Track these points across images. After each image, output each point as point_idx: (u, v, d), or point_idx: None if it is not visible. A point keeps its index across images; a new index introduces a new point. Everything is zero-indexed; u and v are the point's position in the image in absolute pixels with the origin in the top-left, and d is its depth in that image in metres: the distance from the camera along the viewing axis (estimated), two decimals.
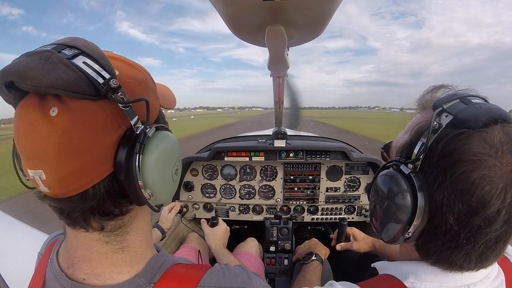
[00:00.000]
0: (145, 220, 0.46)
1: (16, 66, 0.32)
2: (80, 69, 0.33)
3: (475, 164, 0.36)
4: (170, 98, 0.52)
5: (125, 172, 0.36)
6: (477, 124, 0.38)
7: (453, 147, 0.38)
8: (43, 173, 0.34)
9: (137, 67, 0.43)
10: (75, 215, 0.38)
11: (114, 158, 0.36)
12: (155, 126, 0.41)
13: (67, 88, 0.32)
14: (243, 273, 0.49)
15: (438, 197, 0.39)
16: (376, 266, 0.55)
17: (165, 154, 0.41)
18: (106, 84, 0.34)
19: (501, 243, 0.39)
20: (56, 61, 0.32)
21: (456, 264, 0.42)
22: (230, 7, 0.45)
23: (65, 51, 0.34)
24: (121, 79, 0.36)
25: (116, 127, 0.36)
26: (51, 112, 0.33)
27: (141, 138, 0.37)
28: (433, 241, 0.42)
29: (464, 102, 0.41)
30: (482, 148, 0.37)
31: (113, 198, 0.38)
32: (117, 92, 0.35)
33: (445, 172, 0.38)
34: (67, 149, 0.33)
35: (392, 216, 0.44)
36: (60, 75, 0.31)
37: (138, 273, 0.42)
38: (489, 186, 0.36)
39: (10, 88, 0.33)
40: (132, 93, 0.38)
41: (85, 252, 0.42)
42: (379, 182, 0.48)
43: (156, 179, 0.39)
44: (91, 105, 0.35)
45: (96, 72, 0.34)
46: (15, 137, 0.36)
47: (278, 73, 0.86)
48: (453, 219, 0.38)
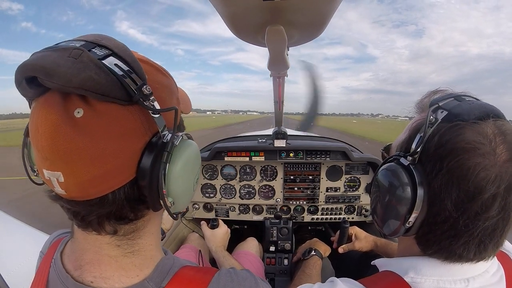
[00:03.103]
0: (156, 225, 0.46)
1: (42, 61, 0.30)
2: (112, 71, 0.31)
3: (470, 152, 0.38)
4: (186, 102, 0.51)
5: (149, 179, 0.36)
6: (470, 117, 0.40)
7: (448, 138, 0.40)
8: (61, 176, 0.33)
9: (163, 72, 0.42)
10: (90, 218, 0.36)
11: (138, 164, 0.36)
12: (181, 135, 0.40)
13: (98, 91, 0.31)
14: (250, 277, 0.49)
15: (436, 184, 0.41)
16: (376, 263, 0.56)
17: (190, 163, 0.41)
18: (138, 90, 0.33)
19: (498, 231, 0.40)
20: (87, 60, 0.30)
21: (456, 253, 0.42)
22: (230, 7, 0.45)
23: (95, 50, 0.32)
24: (150, 84, 0.35)
25: (143, 133, 0.36)
26: (75, 113, 0.32)
27: (168, 147, 0.36)
28: (432, 231, 0.43)
29: (458, 100, 0.44)
30: (475, 137, 0.39)
31: (131, 203, 0.37)
32: (149, 99, 0.34)
33: (441, 161, 0.40)
34: (92, 154, 0.32)
35: (393, 207, 0.45)
36: (91, 76, 0.30)
37: (147, 277, 0.42)
38: (484, 173, 0.38)
39: (31, 83, 0.31)
40: (160, 99, 0.37)
41: (95, 254, 0.41)
42: (379, 175, 0.50)
43: (180, 188, 0.39)
44: (120, 110, 0.33)
45: (129, 77, 0.32)
46: (32, 135, 0.34)
47: (278, 73, 0.86)
48: (451, 206, 0.40)
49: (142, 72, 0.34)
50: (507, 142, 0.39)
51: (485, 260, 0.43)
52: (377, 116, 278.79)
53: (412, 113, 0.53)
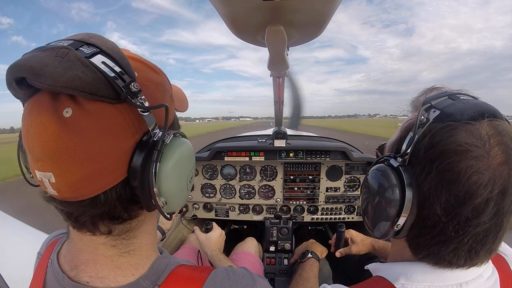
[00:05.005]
0: (152, 224, 0.46)
1: (29, 61, 0.29)
2: (99, 69, 0.31)
3: (461, 154, 0.36)
4: (183, 101, 0.50)
5: (140, 179, 0.35)
6: (463, 117, 0.38)
7: (439, 139, 0.38)
8: (52, 176, 0.33)
9: (155, 69, 0.41)
10: (84, 219, 0.36)
11: (129, 163, 0.35)
12: (172, 133, 0.39)
13: (85, 90, 0.30)
14: (248, 275, 0.49)
15: (425, 187, 0.39)
16: (370, 268, 0.55)
17: (182, 162, 0.40)
18: (126, 88, 0.32)
19: (491, 237, 0.39)
20: (73, 59, 0.30)
21: (445, 259, 0.41)
22: (230, 7, 0.45)
23: (83, 49, 0.32)
24: (140, 82, 0.34)
25: (133, 132, 0.35)
26: (64, 112, 0.31)
27: (159, 145, 0.35)
28: (422, 235, 0.42)
29: (452, 99, 0.42)
30: (468, 139, 0.37)
31: (124, 204, 0.37)
32: (137, 96, 0.33)
33: (431, 163, 0.38)
34: (81, 153, 0.32)
35: (382, 210, 0.44)
36: (78, 75, 0.30)
37: (143, 276, 0.42)
38: (476, 176, 0.36)
39: (21, 84, 0.31)
40: (151, 96, 0.37)
41: (90, 254, 0.40)
42: (369, 176, 0.48)
43: (172, 188, 0.38)
44: (108, 108, 0.33)
45: (116, 74, 0.32)
46: (24, 136, 0.34)
47: (278, 73, 0.86)
48: (440, 210, 0.38)
49: (131, 69, 0.34)
50: (503, 143, 0.37)
51: (478, 266, 0.42)
52: (375, 116, 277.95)
53: (407, 112, 0.51)
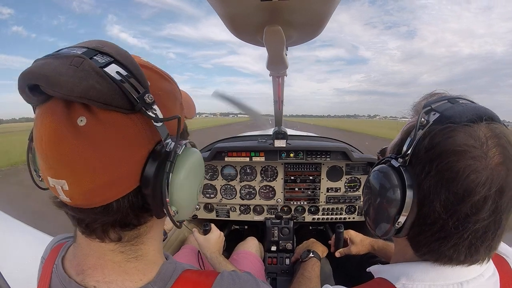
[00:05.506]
0: (159, 231, 0.46)
1: (43, 69, 0.30)
2: (113, 79, 0.31)
3: (460, 154, 0.38)
4: (190, 107, 0.50)
5: (152, 188, 0.36)
6: (462, 119, 0.40)
7: (438, 140, 0.40)
8: (65, 184, 0.33)
9: (166, 77, 0.42)
10: (95, 226, 0.37)
11: (141, 173, 0.36)
12: (184, 143, 0.40)
13: (100, 100, 0.31)
14: (252, 280, 0.49)
15: (425, 186, 0.41)
16: (371, 270, 0.56)
17: (193, 172, 0.41)
18: (140, 99, 0.33)
19: (490, 234, 0.40)
20: (88, 69, 0.30)
21: (446, 255, 0.42)
22: (228, 8, 0.46)
23: (97, 58, 0.32)
24: (153, 91, 0.35)
25: (146, 142, 0.36)
26: (78, 121, 0.32)
27: (171, 156, 0.36)
28: (423, 232, 0.43)
29: (451, 102, 0.44)
30: (466, 140, 0.38)
31: (136, 211, 0.38)
32: (151, 107, 0.34)
33: (431, 162, 0.40)
34: (95, 162, 0.32)
35: (383, 208, 0.46)
36: (93, 85, 0.30)
37: (151, 281, 0.42)
38: (474, 175, 0.37)
39: (34, 91, 0.31)
40: (163, 106, 0.37)
41: (98, 260, 0.41)
42: (371, 177, 0.50)
43: (183, 197, 0.39)
44: (123, 118, 0.33)
45: (130, 84, 0.32)
46: (37, 142, 0.34)
47: (277, 72, 0.86)
48: (440, 207, 0.40)
49: (144, 79, 0.34)
50: (500, 145, 0.38)
51: (479, 263, 0.43)
52: (375, 117, 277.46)
53: (408, 114, 0.53)
